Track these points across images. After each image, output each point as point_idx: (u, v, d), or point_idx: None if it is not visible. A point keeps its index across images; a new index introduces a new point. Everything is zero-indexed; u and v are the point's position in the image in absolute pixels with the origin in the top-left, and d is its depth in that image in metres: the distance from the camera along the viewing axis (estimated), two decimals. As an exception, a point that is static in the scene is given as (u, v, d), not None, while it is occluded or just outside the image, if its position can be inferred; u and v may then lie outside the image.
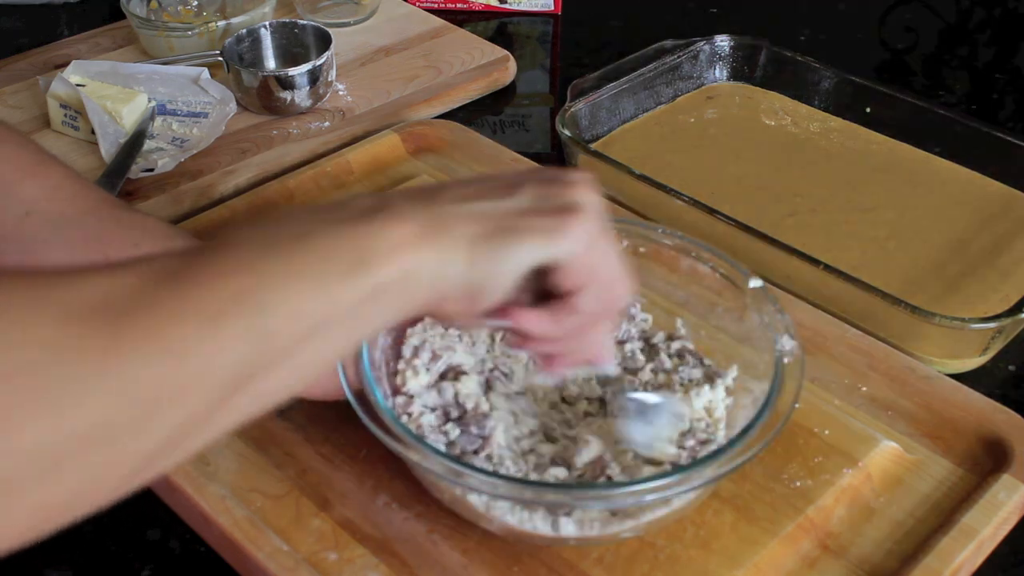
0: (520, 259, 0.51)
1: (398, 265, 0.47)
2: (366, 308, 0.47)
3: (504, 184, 0.53)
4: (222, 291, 0.42)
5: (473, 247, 0.50)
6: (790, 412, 0.60)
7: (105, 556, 0.64)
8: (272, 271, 0.44)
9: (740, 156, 0.96)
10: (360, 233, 0.47)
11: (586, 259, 0.52)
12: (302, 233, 0.46)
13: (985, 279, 0.82)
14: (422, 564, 0.60)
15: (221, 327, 0.42)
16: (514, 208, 0.51)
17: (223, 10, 1.13)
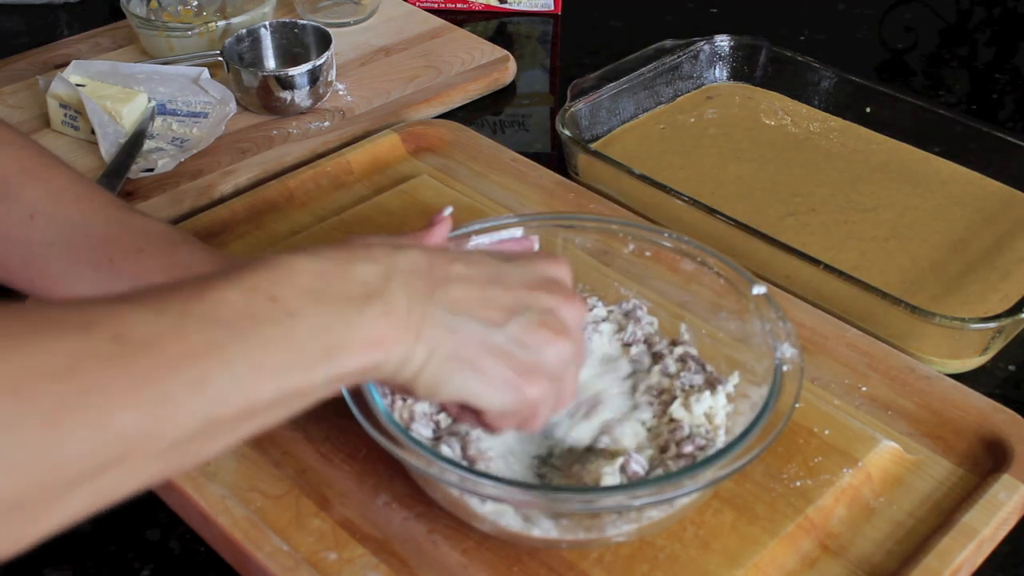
0: (465, 395, 0.53)
1: (367, 360, 0.49)
2: (320, 391, 0.49)
3: (500, 303, 0.54)
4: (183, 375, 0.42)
5: (431, 360, 0.51)
6: (790, 414, 0.60)
7: (105, 556, 0.64)
8: (239, 363, 0.44)
9: (740, 156, 0.96)
10: (345, 323, 0.48)
11: (518, 415, 0.55)
12: (289, 314, 0.46)
13: (985, 279, 0.82)
14: (422, 564, 0.60)
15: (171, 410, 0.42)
16: (493, 343, 0.53)
17: (223, 10, 1.13)
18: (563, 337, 0.55)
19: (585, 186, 0.91)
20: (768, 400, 0.60)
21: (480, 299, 0.53)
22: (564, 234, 0.73)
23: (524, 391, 0.54)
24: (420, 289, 0.51)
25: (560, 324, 0.55)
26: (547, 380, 0.55)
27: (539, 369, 0.54)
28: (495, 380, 0.53)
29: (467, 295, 0.53)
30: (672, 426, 0.64)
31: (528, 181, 0.90)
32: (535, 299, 0.55)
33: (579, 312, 0.57)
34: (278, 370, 0.46)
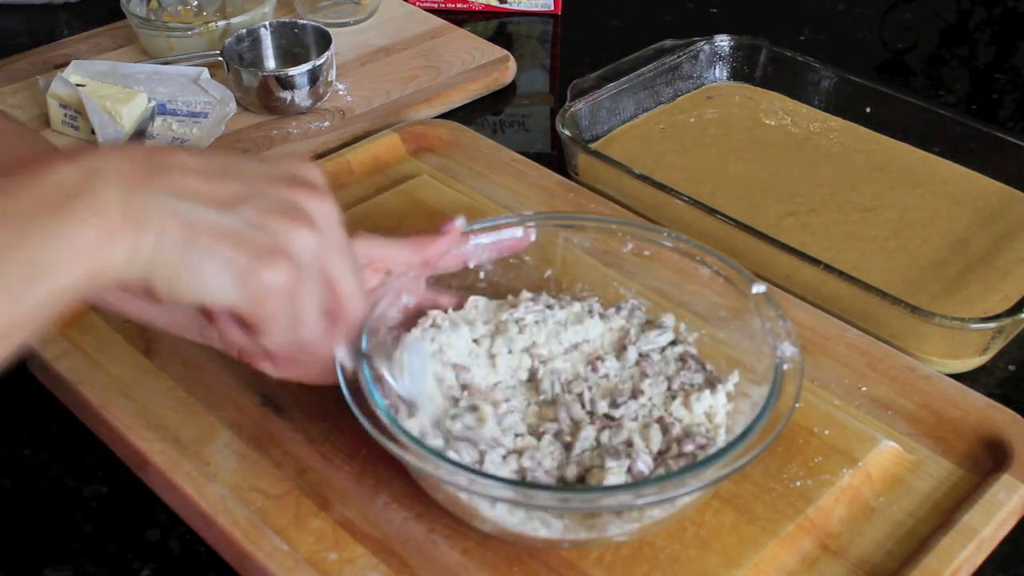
0: (195, 289, 0.48)
1: (84, 267, 0.44)
2: (37, 314, 0.44)
3: (232, 190, 0.49)
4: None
5: (160, 250, 0.47)
6: (790, 414, 0.60)
7: (105, 556, 0.64)
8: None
9: (740, 156, 0.96)
10: (38, 238, 0.43)
11: (270, 305, 0.50)
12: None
13: (985, 279, 0.82)
14: (422, 564, 0.60)
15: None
16: (224, 225, 0.48)
17: (223, 10, 1.13)
18: (307, 226, 0.50)
19: (585, 186, 0.91)
20: (769, 399, 0.60)
21: (208, 186, 0.48)
22: (564, 234, 0.73)
23: (262, 275, 0.49)
24: (136, 178, 0.46)
25: (304, 214, 0.50)
26: (290, 265, 0.50)
27: (279, 250, 0.49)
28: (229, 265, 0.48)
29: (192, 182, 0.48)
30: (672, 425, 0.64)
31: (528, 181, 0.90)
32: (274, 189, 0.50)
33: (328, 207, 0.52)
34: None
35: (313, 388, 0.65)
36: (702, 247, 0.70)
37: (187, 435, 0.67)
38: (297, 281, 0.50)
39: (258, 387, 0.70)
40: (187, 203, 0.47)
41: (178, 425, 0.67)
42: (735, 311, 0.68)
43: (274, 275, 0.49)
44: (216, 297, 0.49)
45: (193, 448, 0.66)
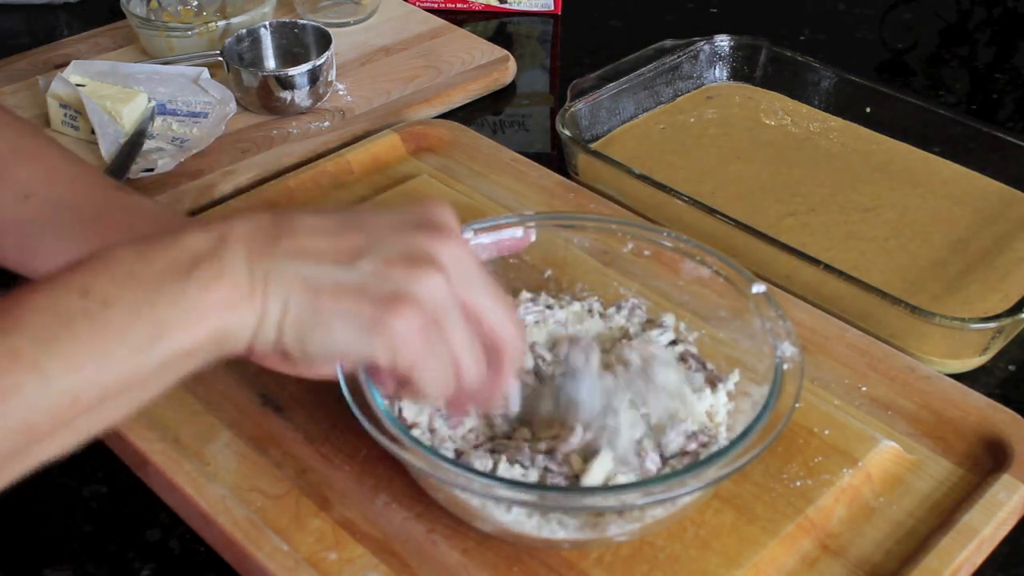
0: (328, 347, 0.49)
1: (207, 329, 0.46)
2: (165, 373, 0.46)
3: (353, 244, 0.50)
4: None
5: (287, 315, 0.48)
6: (790, 414, 0.60)
7: (105, 556, 0.64)
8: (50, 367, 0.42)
9: (740, 156, 0.96)
10: (166, 300, 0.45)
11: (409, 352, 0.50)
12: (103, 303, 0.44)
13: (985, 279, 0.82)
14: (422, 564, 0.60)
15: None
16: (346, 281, 0.49)
17: (223, 10, 1.13)
18: (432, 268, 0.49)
19: (585, 186, 0.91)
20: (769, 399, 0.60)
21: (331, 244, 0.49)
22: (564, 234, 0.73)
23: (389, 323, 0.48)
24: (261, 244, 0.48)
25: (428, 258, 0.50)
26: (416, 309, 0.49)
27: (401, 297, 0.49)
28: (355, 319, 0.48)
29: (316, 242, 0.49)
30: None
31: (528, 181, 0.90)
32: (396, 238, 0.50)
33: (455, 247, 0.51)
34: (99, 364, 0.43)
35: (313, 388, 0.65)
36: (702, 247, 0.70)
37: (187, 435, 0.67)
38: (432, 325, 0.50)
39: (258, 387, 0.70)
40: (310, 265, 0.48)
41: (178, 425, 0.67)
42: (735, 311, 0.68)
43: (401, 322, 0.49)
44: (349, 352, 0.50)
45: (193, 448, 0.66)
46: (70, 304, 0.43)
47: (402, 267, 0.49)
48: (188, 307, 0.45)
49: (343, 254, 0.49)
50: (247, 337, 0.48)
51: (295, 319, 0.48)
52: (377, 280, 0.49)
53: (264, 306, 0.47)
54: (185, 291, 0.45)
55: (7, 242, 0.64)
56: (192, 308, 0.45)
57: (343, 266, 0.49)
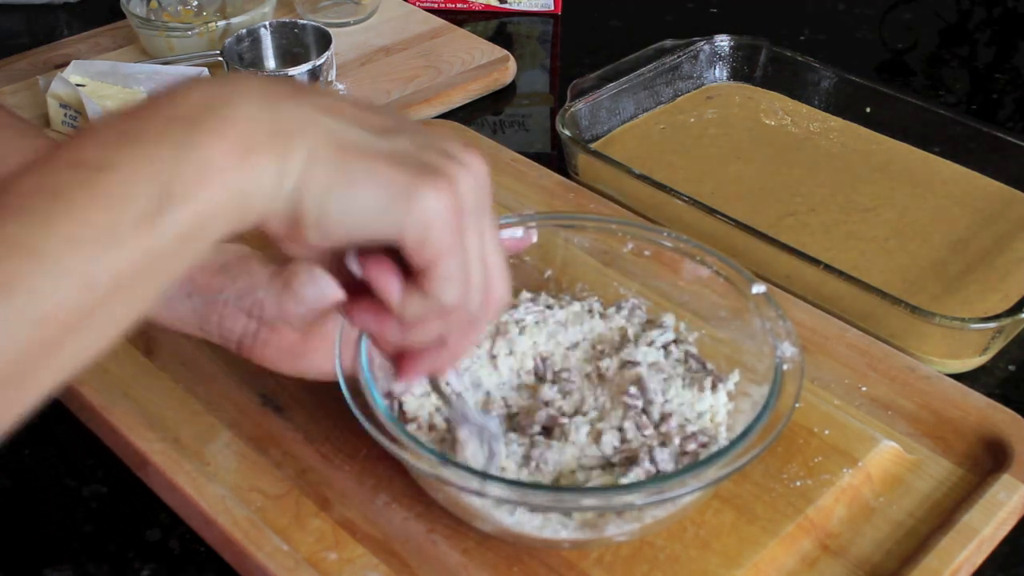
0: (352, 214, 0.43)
1: (221, 188, 0.40)
2: (182, 247, 0.40)
3: (386, 123, 0.44)
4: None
5: (311, 166, 0.41)
6: (790, 414, 0.60)
7: (105, 556, 0.64)
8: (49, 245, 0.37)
9: (740, 156, 0.96)
10: (170, 153, 0.39)
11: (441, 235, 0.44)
12: (96, 169, 0.38)
13: (985, 279, 0.82)
14: (422, 564, 0.60)
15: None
16: (380, 147, 0.43)
17: (223, 10, 1.13)
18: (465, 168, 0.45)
19: (585, 186, 0.91)
20: (769, 399, 0.60)
21: (361, 113, 0.44)
22: (564, 234, 0.73)
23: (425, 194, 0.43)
24: (281, 93, 0.42)
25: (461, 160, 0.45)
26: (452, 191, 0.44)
27: (441, 172, 0.43)
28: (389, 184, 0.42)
29: (343, 106, 0.43)
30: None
31: (528, 181, 0.90)
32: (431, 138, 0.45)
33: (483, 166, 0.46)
34: (105, 240, 0.38)
35: (313, 388, 0.65)
36: (702, 247, 0.70)
37: (187, 435, 0.67)
38: (460, 217, 0.44)
39: (258, 387, 0.70)
40: (339, 122, 0.42)
41: (178, 425, 0.67)
42: (735, 311, 0.68)
43: (436, 197, 0.43)
44: (373, 224, 0.43)
45: (193, 448, 0.66)
46: (61, 178, 0.38)
47: (437, 153, 0.44)
48: (197, 160, 0.39)
49: (376, 125, 0.44)
50: (265, 196, 0.41)
51: (319, 176, 0.42)
52: (413, 152, 0.44)
53: (285, 157, 0.41)
54: (192, 140, 0.39)
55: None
56: (201, 161, 0.39)
57: (376, 134, 0.43)
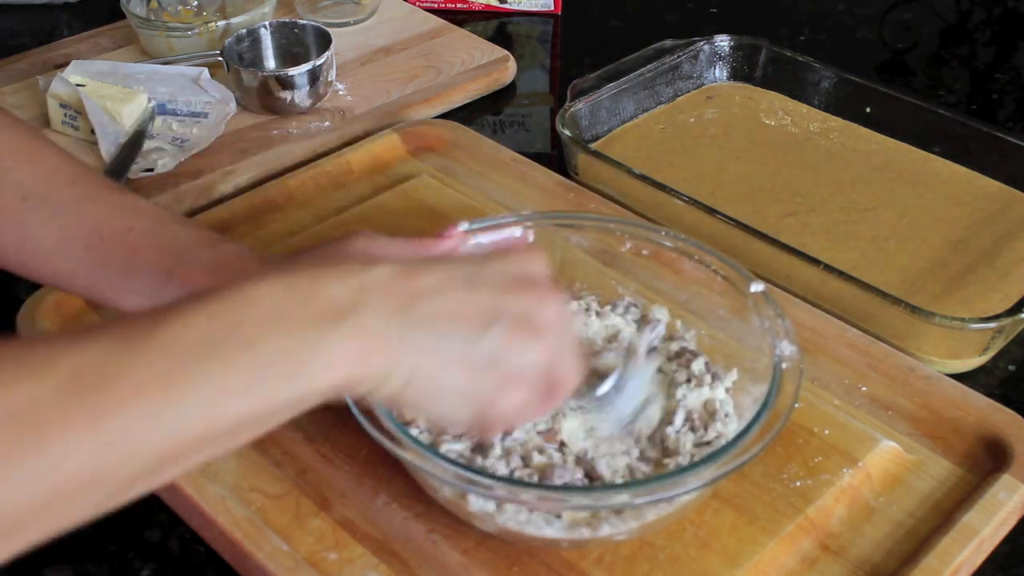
0: (438, 414, 0.55)
1: (336, 378, 0.48)
2: (288, 410, 0.48)
3: (482, 306, 0.53)
4: (137, 410, 0.43)
5: (415, 379, 0.51)
6: (789, 413, 0.60)
7: (105, 556, 0.64)
8: (195, 393, 0.45)
9: (740, 156, 0.96)
10: (310, 345, 0.47)
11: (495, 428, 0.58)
12: (248, 340, 0.46)
13: (985, 279, 0.82)
14: (422, 564, 0.60)
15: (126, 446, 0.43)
16: (473, 357, 0.52)
17: (223, 10, 1.13)
18: (541, 339, 0.54)
19: (585, 186, 0.91)
20: (768, 398, 0.60)
21: (455, 310, 0.52)
22: (564, 234, 0.73)
23: (499, 405, 0.54)
24: (394, 306, 0.50)
25: (538, 325, 0.54)
26: (524, 390, 0.54)
27: (518, 380, 0.54)
28: (472, 399, 0.53)
29: (442, 308, 0.52)
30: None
31: (528, 181, 0.90)
32: (512, 302, 0.54)
33: (556, 308, 0.56)
34: (237, 396, 0.46)
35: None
36: (701, 246, 0.70)
37: (187, 435, 0.67)
38: (525, 400, 0.55)
39: (258, 387, 0.70)
40: (442, 337, 0.51)
41: (178, 425, 0.67)
42: (734, 310, 0.68)
43: (508, 403, 0.54)
44: (452, 420, 0.56)
45: (193, 448, 0.66)
46: (218, 336, 0.46)
47: (521, 339, 0.53)
48: (325, 357, 0.48)
49: (471, 321, 0.52)
50: (368, 388, 0.50)
51: (419, 385, 0.51)
52: (499, 357, 0.53)
53: (393, 367, 0.50)
54: (327, 341, 0.48)
55: (7, 243, 0.64)
56: (328, 359, 0.48)
57: (472, 336, 0.52)
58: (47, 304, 0.76)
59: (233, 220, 0.86)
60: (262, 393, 0.46)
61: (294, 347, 0.47)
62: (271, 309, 0.47)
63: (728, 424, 0.64)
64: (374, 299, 0.50)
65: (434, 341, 0.51)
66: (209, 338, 0.45)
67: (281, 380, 0.47)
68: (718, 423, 0.64)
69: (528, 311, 0.54)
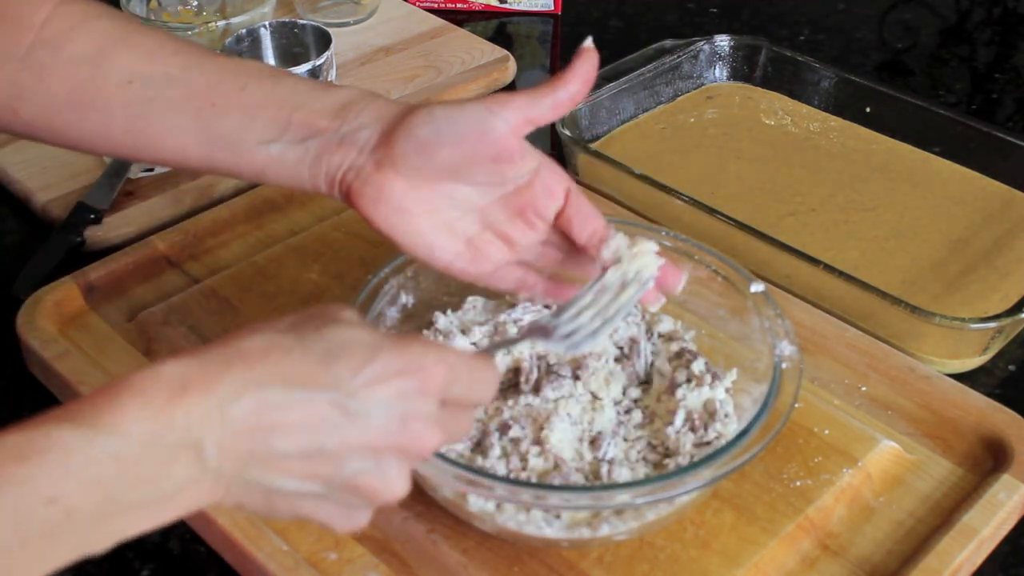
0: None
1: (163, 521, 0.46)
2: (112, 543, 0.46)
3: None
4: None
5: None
6: (789, 413, 0.60)
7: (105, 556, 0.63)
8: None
9: (740, 156, 0.96)
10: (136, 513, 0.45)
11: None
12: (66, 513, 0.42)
13: (985, 279, 0.82)
14: (422, 564, 0.60)
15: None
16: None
17: (223, 10, 1.13)
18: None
19: (585, 186, 0.91)
20: (768, 397, 0.60)
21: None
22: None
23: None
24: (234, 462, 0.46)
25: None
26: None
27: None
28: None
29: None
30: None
31: (528, 181, 0.90)
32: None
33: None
34: (50, 564, 0.43)
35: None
36: (701, 247, 0.70)
37: (187, 435, 0.67)
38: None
39: (258, 387, 0.70)
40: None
41: (178, 425, 0.67)
42: (734, 310, 0.68)
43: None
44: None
45: (193, 448, 0.66)
46: (33, 511, 0.42)
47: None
48: (154, 512, 0.45)
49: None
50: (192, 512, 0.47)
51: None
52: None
53: (221, 500, 0.47)
54: (157, 515, 0.46)
55: (116, 128, 0.63)
56: (159, 512, 0.46)
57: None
58: (47, 304, 0.76)
59: (233, 220, 0.86)
60: (73, 554, 0.44)
61: (114, 515, 0.44)
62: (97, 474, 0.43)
63: (728, 424, 0.64)
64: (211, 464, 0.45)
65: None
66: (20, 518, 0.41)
67: (99, 541, 0.44)
68: (718, 423, 0.63)
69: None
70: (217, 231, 0.86)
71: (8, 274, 0.83)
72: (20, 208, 0.92)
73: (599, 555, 0.60)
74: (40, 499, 0.42)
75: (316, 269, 0.81)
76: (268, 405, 0.46)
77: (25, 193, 0.92)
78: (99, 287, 0.79)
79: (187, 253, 0.84)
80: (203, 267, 0.83)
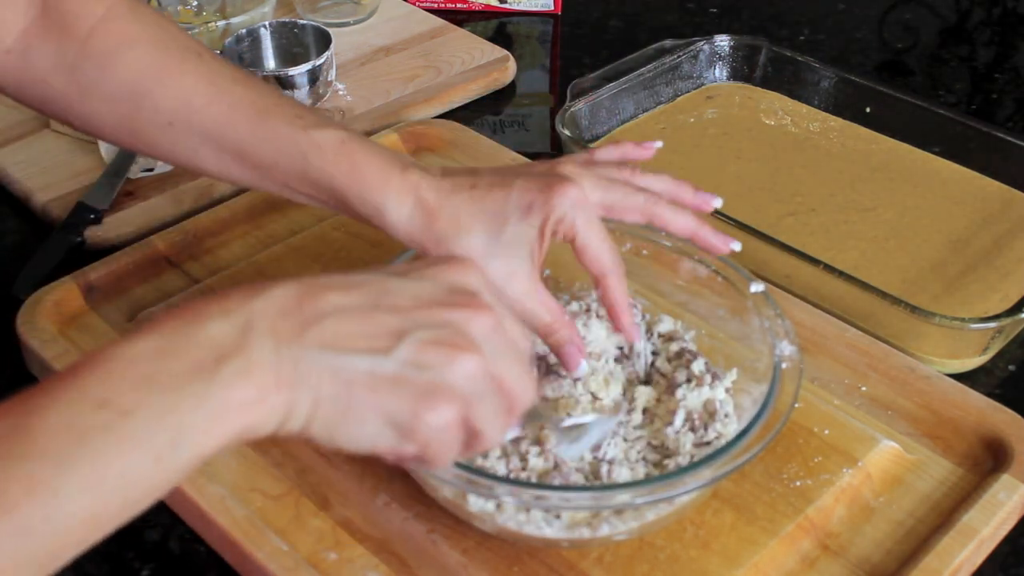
0: (358, 441, 0.48)
1: (230, 431, 0.44)
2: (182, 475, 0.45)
3: (388, 327, 0.47)
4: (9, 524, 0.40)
5: (319, 408, 0.46)
6: (789, 413, 0.60)
7: (105, 556, 0.64)
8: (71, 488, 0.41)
9: (740, 156, 0.96)
10: (189, 404, 0.43)
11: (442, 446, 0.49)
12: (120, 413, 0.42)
13: (985, 279, 0.82)
14: (422, 564, 0.60)
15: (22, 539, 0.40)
16: (381, 373, 0.47)
17: (223, 10, 1.13)
18: (467, 351, 0.48)
19: (585, 186, 0.90)
20: (768, 397, 0.60)
21: (361, 329, 0.47)
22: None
23: (425, 419, 0.47)
24: (288, 332, 0.46)
25: (463, 338, 0.48)
26: (452, 400, 0.48)
27: (439, 390, 0.47)
28: (391, 416, 0.47)
29: (345, 328, 0.47)
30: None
31: (528, 181, 0.90)
32: (430, 315, 0.48)
33: (485, 320, 0.49)
34: (121, 477, 0.42)
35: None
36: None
37: (187, 435, 0.67)
38: (465, 409, 0.48)
39: (258, 387, 0.70)
40: (342, 356, 0.46)
41: (178, 425, 0.67)
42: (734, 310, 0.68)
43: (438, 416, 0.47)
44: (382, 446, 0.48)
45: (193, 448, 0.66)
46: (85, 419, 0.42)
47: (437, 351, 0.48)
48: (212, 409, 0.44)
49: (376, 339, 0.47)
50: (272, 429, 0.46)
51: (326, 413, 0.47)
52: (412, 370, 0.47)
53: (293, 400, 0.45)
54: (209, 391, 0.44)
55: (162, 153, 0.67)
56: (216, 409, 0.44)
57: (377, 354, 0.47)
58: (47, 304, 0.76)
59: (233, 220, 0.86)
60: (147, 470, 0.43)
61: (170, 409, 0.43)
62: (144, 370, 0.43)
63: (728, 424, 0.64)
64: (261, 330, 0.45)
65: (333, 362, 0.46)
66: (80, 422, 0.41)
67: (162, 451, 0.43)
68: (718, 423, 0.63)
69: (453, 321, 0.49)
70: (217, 231, 0.86)
71: (8, 274, 0.83)
72: (20, 208, 0.92)
73: (599, 555, 0.60)
74: (90, 403, 0.42)
75: (316, 269, 0.81)
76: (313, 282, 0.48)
77: (25, 193, 0.92)
78: (99, 287, 0.79)
79: (187, 253, 0.84)
80: (203, 267, 0.83)
